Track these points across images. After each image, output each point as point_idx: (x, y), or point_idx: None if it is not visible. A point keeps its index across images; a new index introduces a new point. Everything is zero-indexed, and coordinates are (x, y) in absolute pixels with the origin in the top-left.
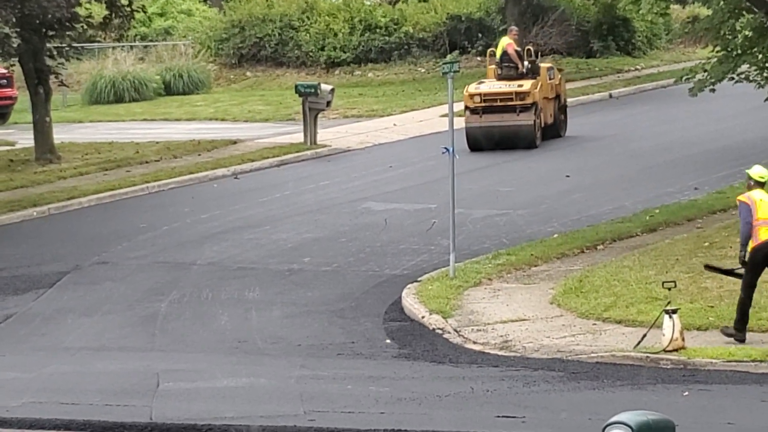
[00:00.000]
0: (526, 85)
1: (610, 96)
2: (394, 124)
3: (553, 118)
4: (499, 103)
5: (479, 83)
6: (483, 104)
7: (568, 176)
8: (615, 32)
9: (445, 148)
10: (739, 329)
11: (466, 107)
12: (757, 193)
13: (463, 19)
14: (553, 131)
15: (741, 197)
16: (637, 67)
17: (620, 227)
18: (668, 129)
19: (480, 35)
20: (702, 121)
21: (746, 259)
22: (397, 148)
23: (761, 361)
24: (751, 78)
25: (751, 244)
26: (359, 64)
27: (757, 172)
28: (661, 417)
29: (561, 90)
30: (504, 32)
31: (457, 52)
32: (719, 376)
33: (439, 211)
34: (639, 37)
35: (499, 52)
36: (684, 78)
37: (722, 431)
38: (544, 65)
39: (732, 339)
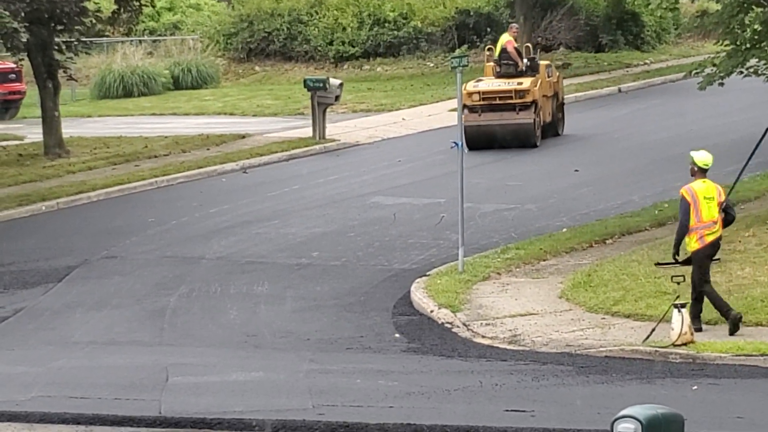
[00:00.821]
0: (526, 83)
1: (619, 90)
2: (403, 119)
3: (551, 116)
4: (498, 102)
5: (477, 81)
6: (482, 102)
7: (576, 170)
8: (624, 26)
9: (454, 142)
10: (727, 313)
11: (465, 105)
12: (699, 186)
13: (471, 13)
14: (552, 130)
15: (684, 191)
16: (646, 61)
17: (629, 221)
18: (677, 123)
19: (489, 29)
20: (710, 115)
21: (679, 258)
22: (405, 142)
23: None
24: (759, 72)
25: (696, 245)
26: (368, 59)
27: (701, 158)
28: (671, 411)
29: (559, 88)
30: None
31: (465, 46)
32: (728, 370)
33: (448, 206)
34: (648, 31)
35: (498, 50)
36: (693, 72)
37: (731, 425)
38: (542, 63)
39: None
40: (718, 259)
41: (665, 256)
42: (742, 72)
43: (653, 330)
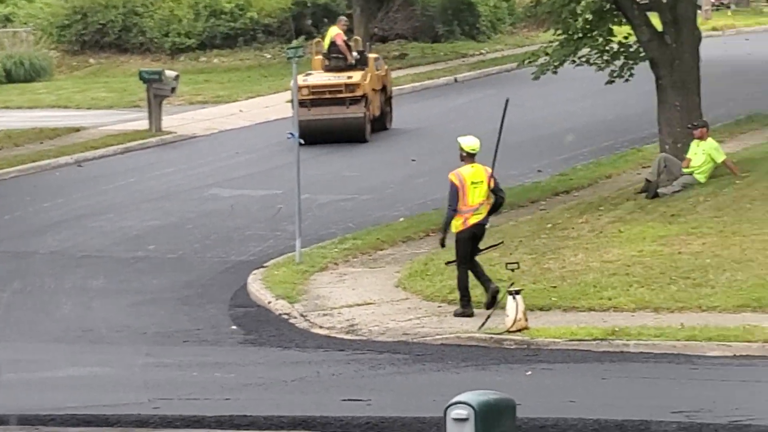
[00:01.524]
0: (356, 76)
1: (455, 80)
2: (240, 111)
3: (380, 110)
4: (328, 96)
5: (306, 75)
6: (311, 97)
7: (413, 160)
8: (460, 17)
9: (290, 133)
10: (465, 305)
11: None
12: (467, 171)
13: (308, 4)
14: (380, 124)
15: (452, 176)
16: (482, 51)
17: None
18: (512, 112)
19: (326, 20)
20: (545, 104)
21: (443, 242)
22: (243, 134)
23: (602, 340)
24: (591, 61)
25: (460, 227)
26: (204, 51)
27: (468, 143)
28: (502, 396)
29: (387, 81)
30: (348, 18)
31: (303, 37)
32: (561, 355)
33: (285, 197)
34: (483, 21)
35: (326, 43)
36: (526, 61)
37: (564, 409)
38: (371, 56)
39: (465, 316)
40: (501, 242)
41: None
42: (574, 61)
43: (488, 317)
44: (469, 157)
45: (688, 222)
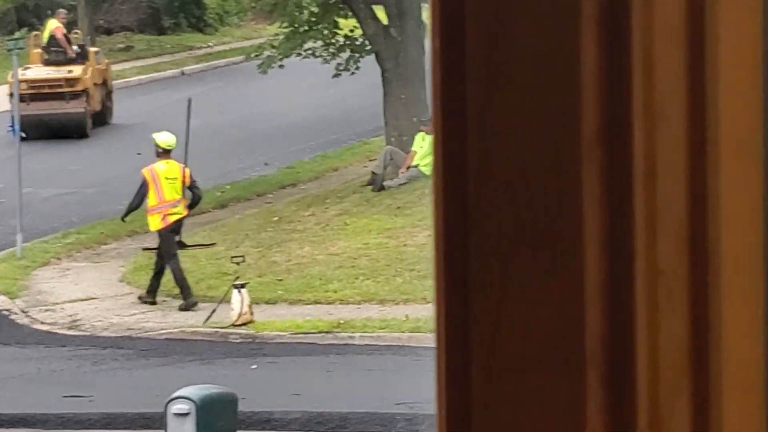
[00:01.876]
0: (77, 71)
1: (182, 73)
2: None
3: (101, 104)
4: (47, 90)
5: (25, 69)
6: (31, 91)
7: (139, 154)
8: (186, 9)
9: (11, 126)
10: (187, 295)
11: (12, 94)
12: (161, 167)
13: None
14: (101, 118)
15: (145, 171)
16: (209, 44)
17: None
18: (239, 105)
19: (50, 12)
20: (273, 97)
21: (125, 218)
22: None
23: (328, 332)
24: (317, 54)
25: (159, 224)
26: None
27: (163, 139)
28: (224, 390)
29: (108, 75)
30: (72, 10)
31: (26, 29)
32: (287, 349)
33: (7, 191)
34: (210, 13)
35: (46, 36)
36: (253, 54)
37: (288, 402)
38: (92, 50)
39: (192, 308)
40: (214, 244)
41: (195, 239)
42: (300, 54)
43: (213, 311)
44: (164, 154)
45: (413, 214)
